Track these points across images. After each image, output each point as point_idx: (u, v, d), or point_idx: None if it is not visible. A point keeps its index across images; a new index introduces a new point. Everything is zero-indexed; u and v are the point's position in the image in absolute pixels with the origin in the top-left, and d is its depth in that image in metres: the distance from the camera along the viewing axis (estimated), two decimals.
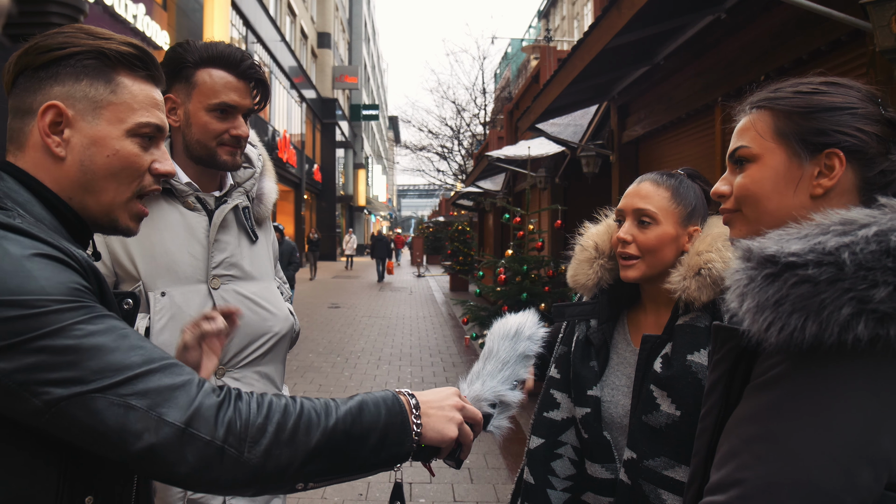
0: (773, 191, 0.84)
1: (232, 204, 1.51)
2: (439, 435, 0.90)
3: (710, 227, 1.31)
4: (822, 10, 2.74)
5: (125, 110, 0.87)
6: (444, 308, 13.08)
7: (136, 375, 0.73)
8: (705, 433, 0.83)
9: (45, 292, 0.71)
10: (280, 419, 0.78)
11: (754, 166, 0.86)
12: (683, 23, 4.50)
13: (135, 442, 0.71)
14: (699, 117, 4.87)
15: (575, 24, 34.62)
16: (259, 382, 1.51)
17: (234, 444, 0.75)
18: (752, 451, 0.70)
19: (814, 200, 0.81)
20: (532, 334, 1.18)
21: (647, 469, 1.19)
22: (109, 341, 0.73)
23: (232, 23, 14.55)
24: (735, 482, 0.69)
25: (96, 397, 0.70)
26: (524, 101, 10.88)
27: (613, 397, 1.34)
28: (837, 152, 0.80)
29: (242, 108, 1.46)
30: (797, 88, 0.86)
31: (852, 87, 0.84)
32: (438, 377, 6.77)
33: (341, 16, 34.96)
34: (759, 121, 0.87)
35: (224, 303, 1.45)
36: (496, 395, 1.09)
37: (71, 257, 0.77)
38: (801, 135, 0.82)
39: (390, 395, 0.89)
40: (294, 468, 0.78)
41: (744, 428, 0.72)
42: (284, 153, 19.22)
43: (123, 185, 0.88)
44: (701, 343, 1.21)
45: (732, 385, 0.79)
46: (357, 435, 0.83)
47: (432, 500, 3.75)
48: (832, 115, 0.81)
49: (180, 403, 0.73)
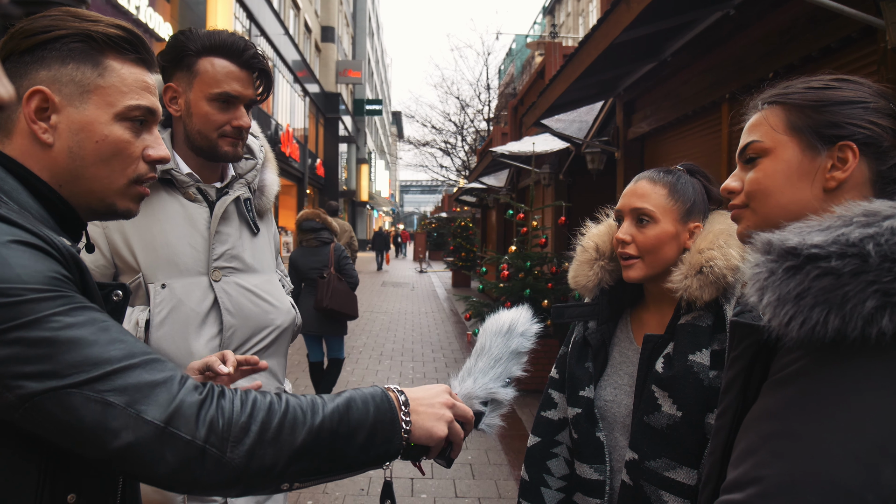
0: (785, 184, 0.83)
1: (233, 195, 1.50)
2: (428, 433, 0.88)
3: (711, 224, 1.29)
4: (833, 5, 2.70)
5: (114, 94, 0.84)
6: (447, 304, 13.08)
7: (115, 370, 0.70)
8: (721, 431, 0.81)
9: (21, 281, 0.68)
10: (264, 418, 0.76)
11: (767, 160, 0.86)
12: (691, 18, 4.47)
13: (112, 440, 0.68)
14: (706, 114, 4.84)
15: (580, 21, 34.51)
16: (261, 377, 1.50)
17: (216, 443, 0.72)
18: (771, 448, 0.68)
19: (826, 194, 0.81)
20: (525, 331, 1.16)
21: (648, 470, 1.19)
22: (88, 334, 0.70)
23: (235, 15, 14.53)
24: (753, 480, 0.68)
25: (72, 392, 0.67)
26: (528, 98, 10.84)
27: (616, 396, 1.33)
28: (851, 145, 0.80)
29: (244, 99, 1.43)
30: (808, 84, 0.86)
31: (863, 84, 0.84)
32: (440, 373, 6.77)
33: (345, 10, 34.90)
34: (772, 115, 0.87)
35: (225, 295, 1.43)
36: (488, 392, 1.07)
37: (51, 245, 0.73)
38: (815, 127, 0.82)
39: (379, 391, 0.87)
40: (279, 468, 0.76)
41: (762, 425, 0.70)
42: (287, 147, 19.21)
43: (116, 172, 0.86)
44: (703, 343, 1.20)
45: (750, 382, 0.78)
46: (344, 433, 0.80)
47: (434, 496, 3.74)
48: (845, 108, 0.81)
49: (160, 401, 0.70)
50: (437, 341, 8.68)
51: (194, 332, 1.39)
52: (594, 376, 1.36)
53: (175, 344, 1.36)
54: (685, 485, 1.15)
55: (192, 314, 1.39)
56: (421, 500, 3.69)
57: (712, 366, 1.18)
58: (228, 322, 1.42)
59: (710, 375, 1.17)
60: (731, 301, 1.22)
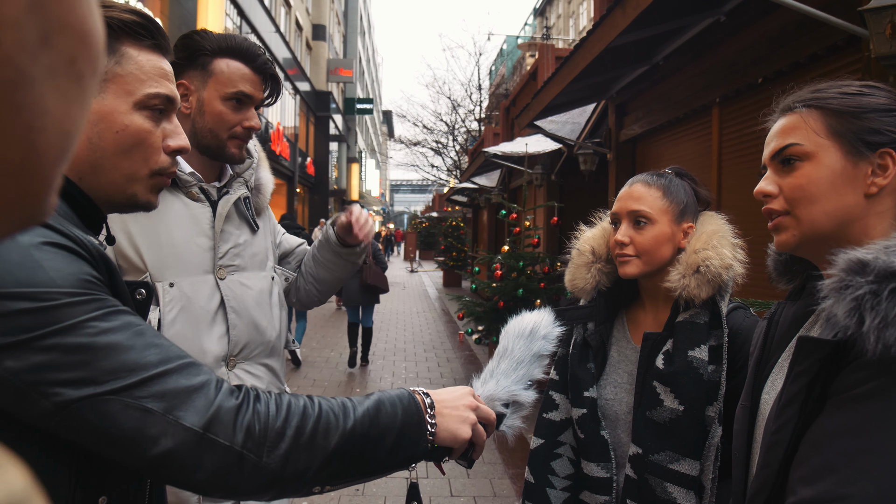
0: (830, 190, 0.82)
1: (236, 195, 1.51)
2: (452, 435, 0.88)
3: (703, 225, 1.34)
4: (820, 15, 2.78)
5: (132, 82, 0.81)
6: (438, 303, 13.09)
7: (153, 376, 0.68)
8: (779, 446, 0.80)
9: (55, 284, 0.65)
10: (299, 422, 0.75)
11: (808, 165, 0.84)
12: (684, 24, 4.55)
13: (151, 447, 0.67)
14: (697, 118, 4.92)
15: (571, 23, 34.62)
16: (267, 376, 1.50)
17: (253, 448, 0.71)
18: (855, 465, 0.67)
19: (867, 199, 0.81)
20: (547, 334, 1.17)
21: (652, 463, 1.23)
22: (124, 339, 0.68)
23: (226, 12, 14.43)
24: (838, 498, 0.67)
25: (110, 399, 0.66)
26: (520, 99, 10.90)
27: (616, 395, 1.37)
28: (891, 152, 0.81)
29: (256, 101, 1.47)
30: (843, 90, 0.85)
31: (891, 91, 0.84)
32: (433, 373, 6.80)
33: (337, 8, 34.78)
34: (811, 119, 0.85)
35: (231, 293, 1.44)
36: (510, 394, 1.08)
37: (81, 246, 0.71)
38: (857, 133, 0.82)
39: (406, 394, 0.87)
40: (312, 472, 0.75)
41: (843, 441, 0.69)
42: (277, 146, 19.10)
43: (138, 163, 0.83)
44: (701, 339, 1.25)
45: (811, 397, 0.77)
46: (375, 436, 0.80)
47: (429, 495, 3.78)
48: (883, 116, 0.82)
49: (198, 407, 0.70)
50: (429, 341, 8.69)
51: (206, 330, 1.39)
52: (596, 376, 1.39)
53: (187, 343, 1.35)
54: (688, 475, 1.20)
55: (202, 312, 1.39)
56: None
57: (710, 360, 1.23)
58: (233, 321, 1.43)
59: (708, 370, 1.22)
60: (725, 298, 1.28)
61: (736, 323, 1.28)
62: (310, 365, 7.12)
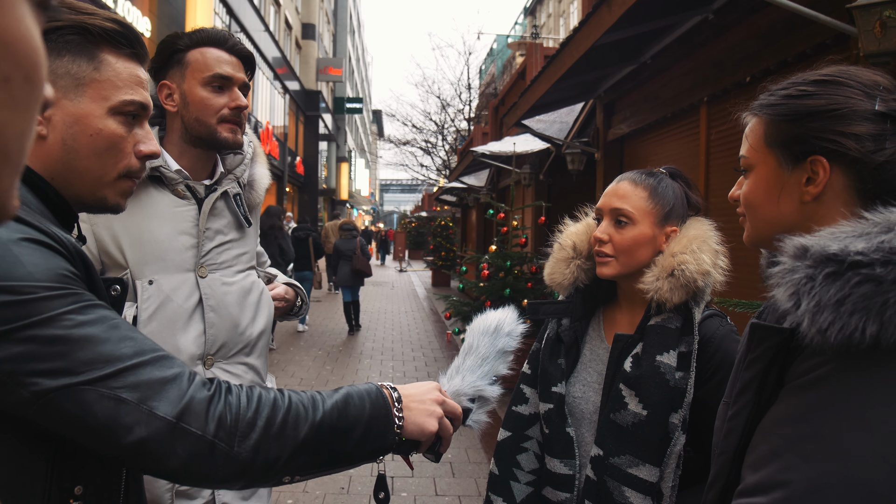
0: (766, 199, 0.86)
1: (220, 191, 1.50)
2: (420, 429, 0.91)
3: (687, 229, 1.31)
4: (808, 12, 2.77)
5: (109, 88, 0.85)
6: (426, 303, 13.07)
7: (127, 368, 0.71)
8: (734, 433, 0.81)
9: (33, 279, 0.69)
10: (269, 413, 0.78)
11: (752, 175, 0.89)
12: (671, 22, 4.54)
13: (125, 436, 0.70)
14: (685, 117, 4.92)
15: (561, 22, 34.75)
16: (247, 374, 1.50)
17: (225, 438, 0.74)
18: (797, 451, 0.68)
19: (806, 206, 0.82)
20: (511, 330, 1.18)
21: (612, 466, 1.21)
22: (100, 332, 0.71)
23: (215, 11, 14.33)
24: (780, 483, 0.68)
25: (86, 389, 0.69)
26: (509, 98, 10.89)
27: (584, 393, 1.36)
28: (820, 159, 0.79)
29: (237, 81, 1.47)
30: (788, 91, 0.85)
31: (845, 84, 0.80)
32: (420, 372, 6.77)
33: (326, 7, 34.67)
34: (753, 130, 0.89)
35: (210, 291, 1.44)
36: (476, 390, 1.10)
37: (58, 242, 0.74)
38: (785, 144, 0.83)
39: (374, 388, 0.90)
40: (282, 462, 0.78)
41: (787, 428, 0.70)
42: (267, 145, 19.01)
43: (108, 165, 0.87)
44: (671, 344, 1.22)
45: (765, 385, 0.78)
46: (343, 428, 0.83)
47: (414, 494, 3.74)
48: (813, 122, 0.80)
49: (171, 397, 0.73)
50: (417, 340, 8.67)
51: (182, 328, 1.39)
52: (566, 373, 1.38)
53: (162, 340, 1.35)
54: (647, 481, 1.18)
55: (179, 310, 1.39)
56: (401, 498, 3.69)
57: (679, 367, 1.21)
58: (211, 319, 1.42)
59: (676, 376, 1.20)
60: (700, 305, 1.25)
61: (709, 331, 1.24)
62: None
